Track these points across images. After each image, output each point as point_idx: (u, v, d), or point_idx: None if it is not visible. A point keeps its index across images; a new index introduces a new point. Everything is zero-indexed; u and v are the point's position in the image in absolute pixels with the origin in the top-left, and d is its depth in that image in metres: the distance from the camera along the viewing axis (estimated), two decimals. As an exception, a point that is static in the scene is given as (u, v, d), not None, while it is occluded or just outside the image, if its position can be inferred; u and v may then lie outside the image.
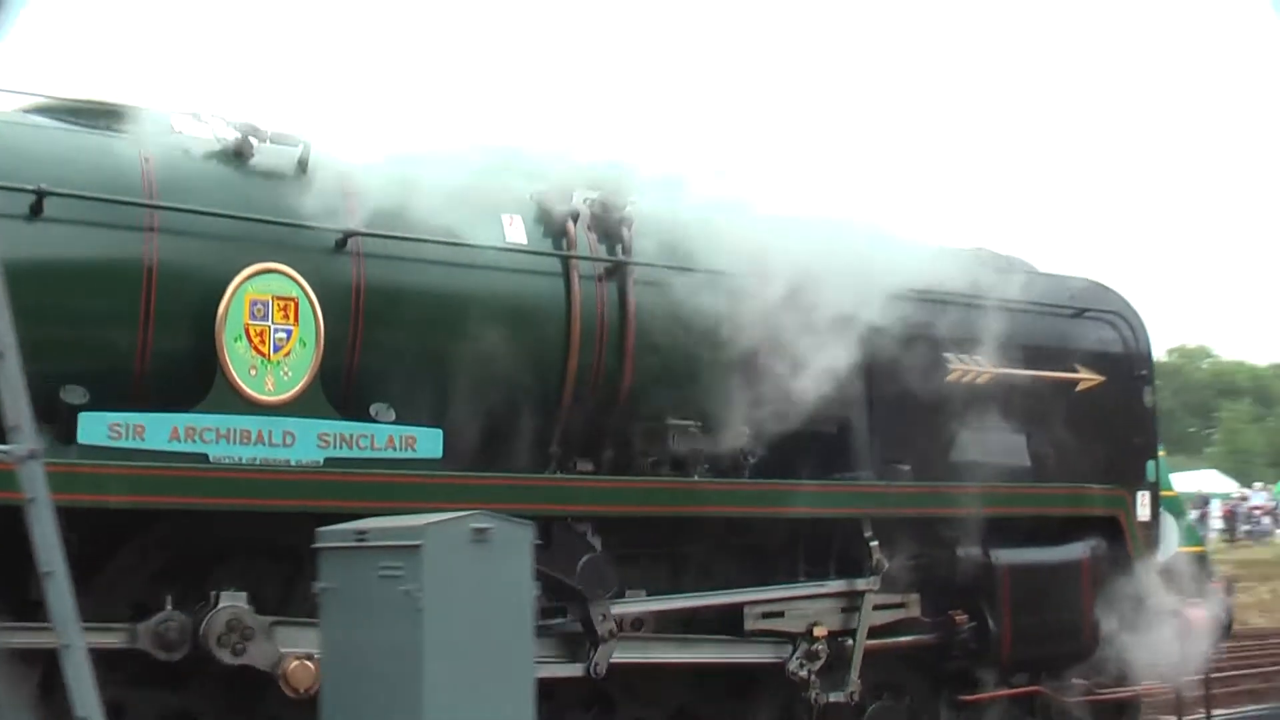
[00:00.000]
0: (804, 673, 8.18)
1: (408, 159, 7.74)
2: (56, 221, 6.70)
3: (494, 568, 5.93)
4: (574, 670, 7.53)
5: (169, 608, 6.67)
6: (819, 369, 8.22)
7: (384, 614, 5.86)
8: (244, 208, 7.20)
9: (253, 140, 7.48)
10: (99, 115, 7.36)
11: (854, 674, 8.32)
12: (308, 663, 6.70)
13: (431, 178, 7.80)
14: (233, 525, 6.84)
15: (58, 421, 6.58)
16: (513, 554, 6.02)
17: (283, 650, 6.76)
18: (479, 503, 7.06)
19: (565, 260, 8.00)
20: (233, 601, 6.73)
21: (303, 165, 7.56)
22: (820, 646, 8.22)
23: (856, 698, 8.33)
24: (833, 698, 8.24)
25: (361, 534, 6.10)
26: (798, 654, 8.20)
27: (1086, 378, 9.60)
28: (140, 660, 6.64)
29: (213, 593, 6.73)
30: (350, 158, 7.73)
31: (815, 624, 8.23)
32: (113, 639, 6.53)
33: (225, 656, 6.63)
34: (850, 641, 8.37)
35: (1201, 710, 10.34)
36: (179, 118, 7.60)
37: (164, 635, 6.62)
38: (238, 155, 7.44)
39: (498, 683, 5.88)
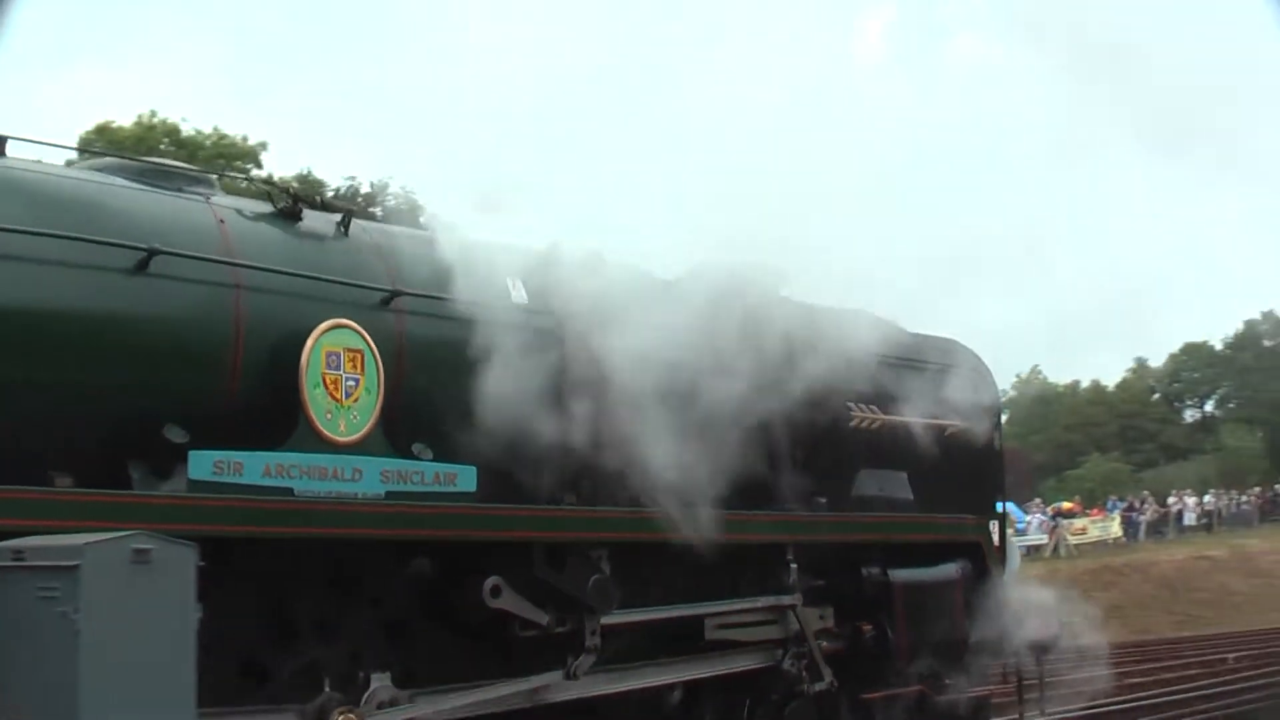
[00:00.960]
0: (795, 670, 9.52)
1: (425, 227, 8.73)
2: (160, 277, 7.38)
3: (155, 589, 5.80)
4: (556, 678, 8.56)
5: (327, 689, 7.45)
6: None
7: (40, 636, 5.66)
8: (301, 266, 8.02)
9: (301, 205, 8.32)
10: (166, 177, 8.05)
11: (825, 668, 9.72)
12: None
13: (447, 243, 8.83)
14: (311, 554, 7.65)
15: (160, 457, 7.24)
16: (174, 575, 5.87)
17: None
18: (515, 531, 8.17)
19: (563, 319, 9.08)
20: (383, 683, 7.56)
21: (344, 228, 8.43)
22: (805, 649, 9.58)
23: (836, 685, 9.73)
24: (818, 687, 9.62)
25: (19, 553, 5.86)
26: (788, 657, 9.51)
27: (952, 424, 11.30)
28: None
29: (362, 674, 7.55)
30: (379, 224, 8.68)
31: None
32: None
33: None
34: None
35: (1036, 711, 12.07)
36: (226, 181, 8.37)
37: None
38: (288, 217, 8.25)
39: (158, 708, 5.73)
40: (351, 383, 7.88)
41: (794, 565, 9.76)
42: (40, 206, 7.14)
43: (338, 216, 8.45)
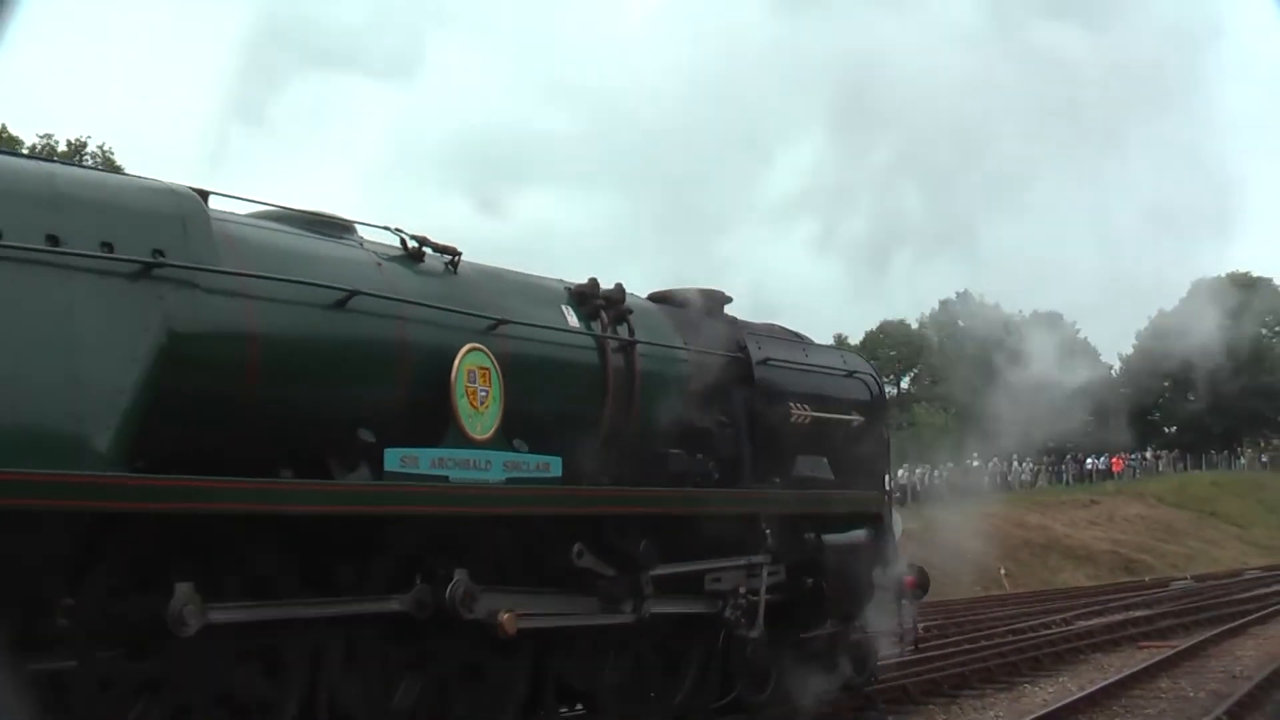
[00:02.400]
0: (734, 617, 11.94)
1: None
2: (354, 312, 9.27)
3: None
4: (629, 618, 10.85)
5: (419, 582, 9.43)
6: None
7: None
8: (433, 299, 9.98)
9: (425, 249, 10.27)
10: (326, 225, 9.87)
11: (760, 619, 12.18)
12: (514, 614, 9.66)
13: (516, 279, 10.96)
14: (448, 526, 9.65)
15: (353, 454, 9.14)
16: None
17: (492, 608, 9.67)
18: (595, 507, 10.40)
19: (599, 339, 11.30)
20: (463, 576, 9.56)
21: (453, 268, 10.42)
22: (743, 600, 12.01)
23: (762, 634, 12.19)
24: (752, 634, 12.07)
25: None
26: (730, 606, 11.93)
27: (855, 419, 14.01)
28: (395, 620, 9.30)
29: (455, 570, 9.53)
30: (475, 263, 10.72)
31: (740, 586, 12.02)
32: (394, 605, 9.23)
33: (464, 613, 9.45)
34: (755, 597, 12.20)
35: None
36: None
37: (421, 600, 9.37)
38: (416, 258, 10.20)
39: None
40: (483, 393, 9.93)
41: (768, 531, 12.25)
42: (269, 255, 8.94)
43: (447, 256, 10.44)
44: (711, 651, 12.12)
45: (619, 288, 11.64)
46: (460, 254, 10.52)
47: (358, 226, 10.14)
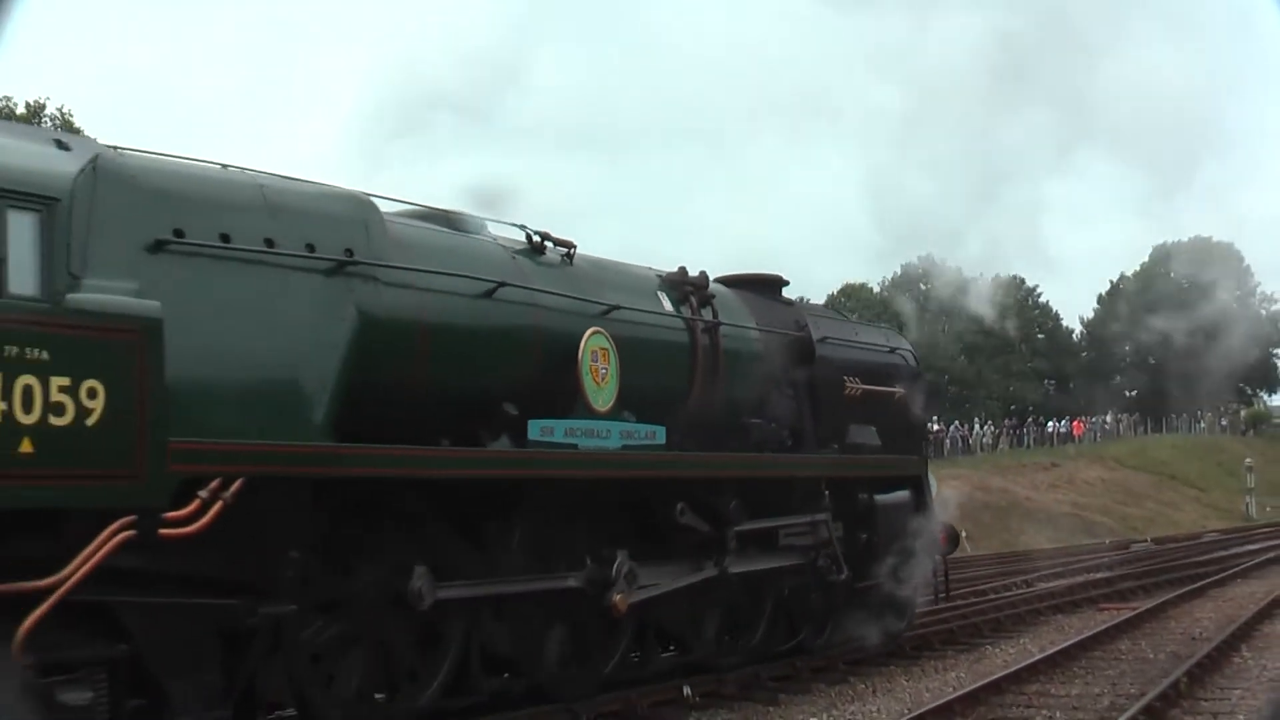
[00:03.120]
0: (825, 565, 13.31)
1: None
2: (500, 301, 10.47)
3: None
4: (712, 572, 12.15)
5: (589, 562, 10.71)
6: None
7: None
8: (558, 287, 11.17)
9: (547, 244, 11.47)
10: (463, 223, 11.03)
11: (843, 564, 13.52)
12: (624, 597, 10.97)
13: (618, 268, 12.18)
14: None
15: (498, 425, 10.36)
16: None
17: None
18: (694, 472, 11.67)
19: (689, 322, 12.53)
20: (623, 558, 10.85)
21: (569, 259, 11.62)
22: (831, 551, 13.37)
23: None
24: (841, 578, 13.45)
25: None
26: (822, 556, 13.27)
27: (898, 390, 15.33)
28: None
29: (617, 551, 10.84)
30: (585, 254, 11.92)
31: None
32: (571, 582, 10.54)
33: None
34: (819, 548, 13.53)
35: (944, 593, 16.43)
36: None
37: (593, 579, 10.68)
38: (538, 250, 11.40)
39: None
40: (603, 371, 11.17)
41: (827, 492, 13.57)
42: (428, 252, 10.13)
43: (563, 249, 11.64)
44: (780, 602, 13.46)
45: (703, 275, 12.88)
46: (575, 246, 11.72)
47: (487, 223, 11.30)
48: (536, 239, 11.42)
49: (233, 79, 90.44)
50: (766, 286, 14.39)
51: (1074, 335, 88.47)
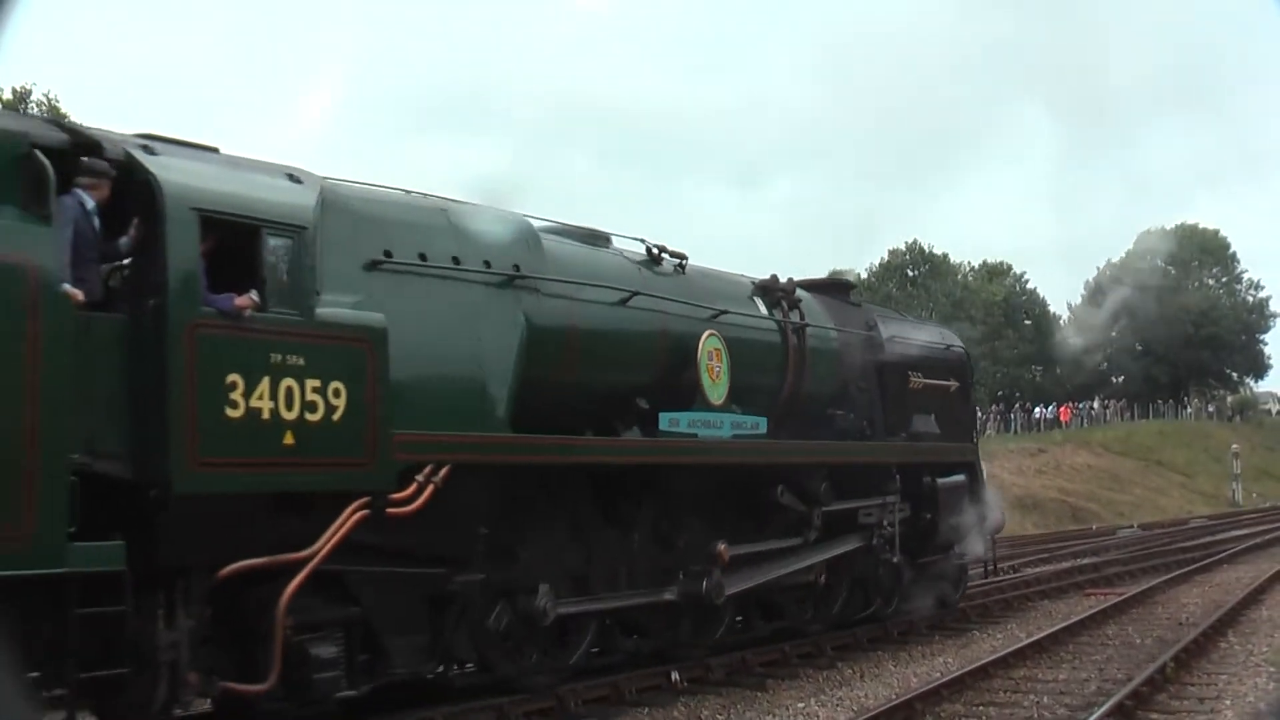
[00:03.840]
0: (879, 544, 14.58)
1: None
2: (632, 308, 11.70)
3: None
4: (797, 541, 13.40)
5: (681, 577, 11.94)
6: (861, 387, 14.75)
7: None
8: (675, 295, 12.39)
9: (663, 256, 12.70)
10: (593, 236, 12.25)
11: (897, 545, 14.82)
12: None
13: (720, 276, 13.43)
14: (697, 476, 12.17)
15: (631, 418, 11.60)
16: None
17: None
18: (794, 458, 12.93)
19: (780, 324, 13.78)
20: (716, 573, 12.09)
21: (681, 269, 12.85)
22: (886, 531, 14.65)
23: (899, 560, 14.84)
24: (894, 559, 14.73)
25: None
26: (876, 537, 14.55)
27: (953, 383, 16.62)
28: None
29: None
30: (696, 265, 13.15)
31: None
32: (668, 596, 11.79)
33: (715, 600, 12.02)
34: (891, 529, 14.83)
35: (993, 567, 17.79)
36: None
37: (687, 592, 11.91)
38: (656, 261, 12.63)
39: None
40: (717, 368, 12.41)
41: (897, 475, 14.87)
42: (574, 265, 11.35)
43: (676, 260, 12.87)
44: (857, 576, 14.77)
45: (791, 281, 14.13)
46: (687, 258, 12.96)
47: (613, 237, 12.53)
48: (655, 250, 12.65)
49: (220, 57, 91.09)
50: (838, 289, 15.68)
51: (1060, 321, 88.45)
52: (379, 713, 9.40)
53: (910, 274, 78.72)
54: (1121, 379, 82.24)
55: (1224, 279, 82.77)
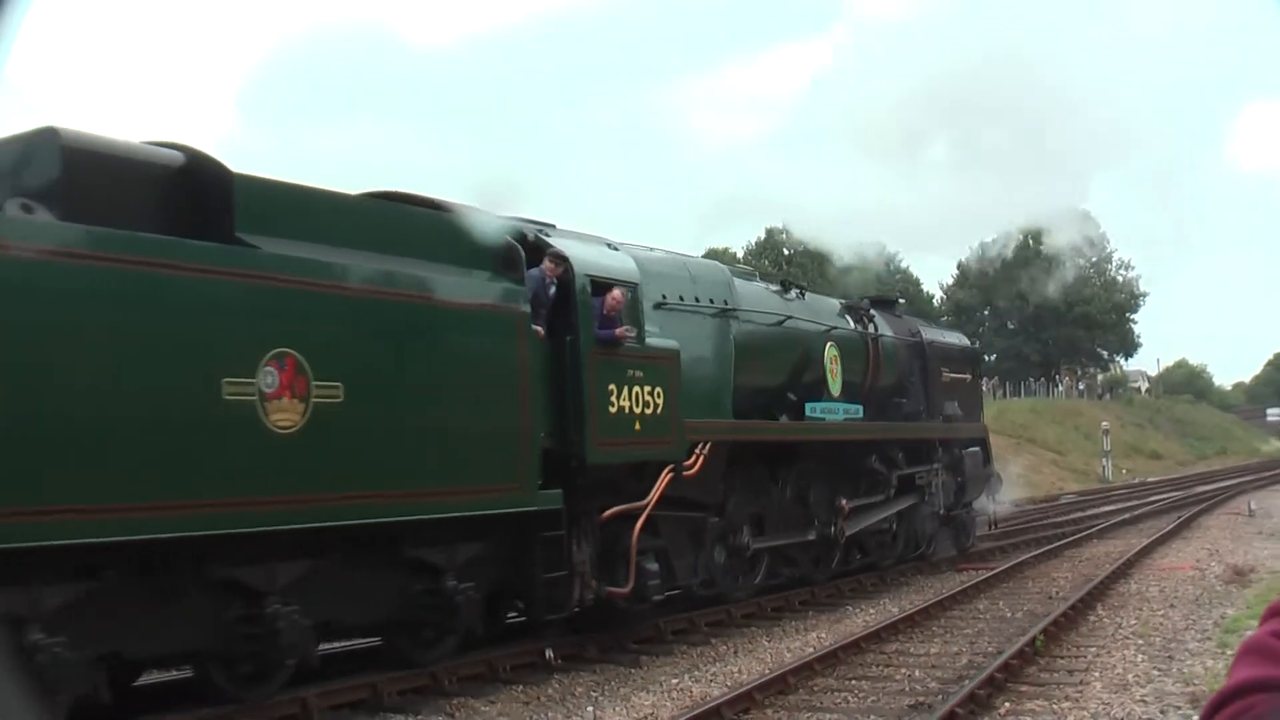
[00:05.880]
0: (931, 500, 19.06)
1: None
2: (784, 328, 15.91)
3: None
4: (882, 497, 17.79)
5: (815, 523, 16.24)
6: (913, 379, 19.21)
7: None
8: (803, 316, 16.65)
9: (788, 284, 16.95)
10: (746, 274, 16.44)
11: (941, 498, 19.31)
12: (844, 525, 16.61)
13: (823, 298, 17.75)
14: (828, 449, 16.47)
15: (784, 409, 15.85)
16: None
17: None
18: (883, 434, 17.35)
19: (862, 335, 18.12)
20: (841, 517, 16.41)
21: (802, 295, 17.11)
22: (934, 490, 19.12)
23: (944, 510, 19.34)
24: (940, 511, 19.24)
25: None
26: (928, 494, 19.01)
27: (968, 377, 21.16)
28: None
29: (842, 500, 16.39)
30: (808, 290, 17.43)
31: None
32: (810, 536, 16.08)
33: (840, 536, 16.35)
34: (934, 487, 19.30)
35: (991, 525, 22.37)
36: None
37: (822, 534, 16.20)
38: (786, 291, 16.86)
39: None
40: (835, 369, 16.72)
41: (940, 448, 19.36)
42: (749, 296, 15.53)
43: (797, 289, 17.13)
44: (908, 525, 19.26)
45: (865, 300, 18.52)
46: (805, 287, 17.22)
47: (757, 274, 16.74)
48: (787, 283, 16.89)
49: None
50: (889, 305, 20.09)
51: (934, 301, 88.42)
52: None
53: (786, 253, 76.41)
54: (994, 357, 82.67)
55: (1094, 259, 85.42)
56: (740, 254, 76.40)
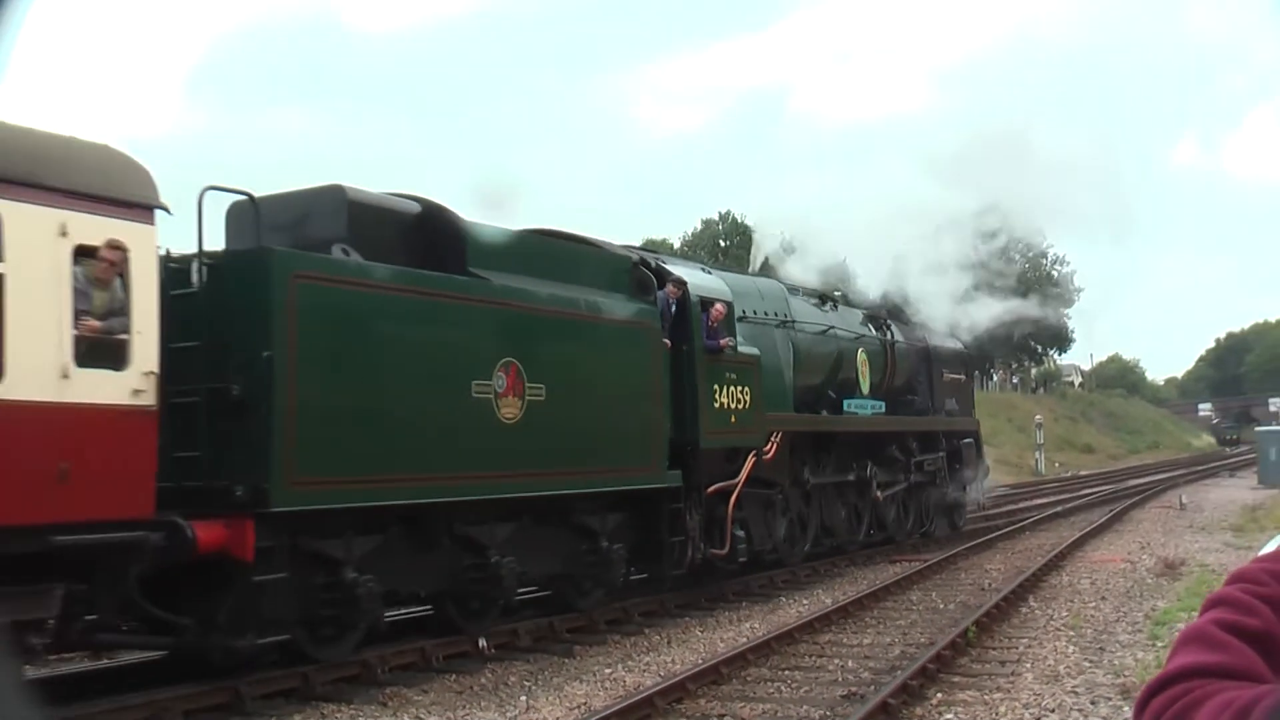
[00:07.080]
0: (940, 482, 21.92)
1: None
2: (826, 336, 18.66)
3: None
4: (902, 479, 20.64)
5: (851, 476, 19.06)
6: (921, 379, 22.09)
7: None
8: (839, 325, 19.39)
9: (836, 299, 19.71)
10: (793, 289, 19.18)
11: (947, 482, 22.18)
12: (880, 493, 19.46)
13: (852, 310, 20.56)
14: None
15: (824, 405, 18.62)
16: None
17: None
18: (902, 427, 20.23)
19: (881, 341, 20.91)
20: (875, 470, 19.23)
21: (834, 305, 19.88)
22: (940, 476, 21.99)
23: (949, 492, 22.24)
24: (945, 494, 22.13)
25: None
26: (938, 477, 21.86)
27: (963, 377, 24.05)
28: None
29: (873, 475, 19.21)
30: (842, 299, 20.21)
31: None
32: (850, 478, 18.90)
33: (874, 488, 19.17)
34: (944, 471, 22.15)
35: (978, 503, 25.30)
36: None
37: (860, 479, 19.01)
38: (823, 302, 19.61)
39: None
40: (864, 371, 19.52)
41: (944, 438, 22.23)
42: (800, 309, 18.25)
43: (830, 300, 19.89)
44: (916, 505, 22.12)
45: (884, 310, 21.35)
46: (838, 298, 20.00)
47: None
48: (824, 295, 19.66)
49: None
50: (899, 314, 22.92)
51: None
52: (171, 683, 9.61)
53: (722, 244, 77.37)
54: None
55: (1030, 254, 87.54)
56: (677, 244, 77.43)
